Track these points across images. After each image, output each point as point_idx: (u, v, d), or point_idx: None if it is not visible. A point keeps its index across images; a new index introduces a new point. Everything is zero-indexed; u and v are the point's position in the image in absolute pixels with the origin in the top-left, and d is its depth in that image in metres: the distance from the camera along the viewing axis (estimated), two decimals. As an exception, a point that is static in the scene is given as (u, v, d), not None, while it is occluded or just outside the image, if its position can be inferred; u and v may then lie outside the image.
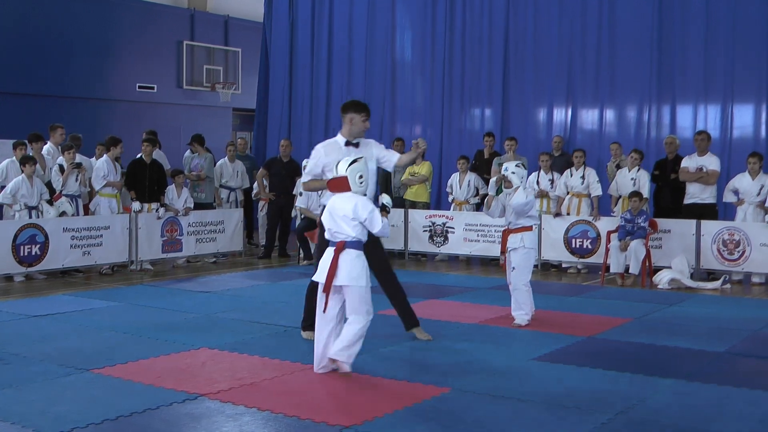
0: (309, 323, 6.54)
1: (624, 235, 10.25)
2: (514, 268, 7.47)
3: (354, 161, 5.72)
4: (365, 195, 5.76)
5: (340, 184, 5.69)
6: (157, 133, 12.95)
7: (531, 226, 7.48)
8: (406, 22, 15.88)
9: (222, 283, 10.16)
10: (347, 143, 6.61)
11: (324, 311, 5.63)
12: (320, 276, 5.63)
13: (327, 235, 5.72)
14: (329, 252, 5.62)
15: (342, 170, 5.68)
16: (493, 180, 7.92)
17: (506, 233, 7.56)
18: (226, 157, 13.12)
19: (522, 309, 7.43)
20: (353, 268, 5.54)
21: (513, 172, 7.47)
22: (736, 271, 10.29)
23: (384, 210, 5.77)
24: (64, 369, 5.74)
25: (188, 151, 13.05)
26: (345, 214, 5.58)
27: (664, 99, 13.10)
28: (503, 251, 7.68)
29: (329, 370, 5.66)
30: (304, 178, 6.99)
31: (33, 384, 5.36)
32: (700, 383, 5.49)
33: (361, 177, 5.67)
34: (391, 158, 6.79)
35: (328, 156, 6.53)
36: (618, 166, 11.48)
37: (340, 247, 5.57)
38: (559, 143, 12.70)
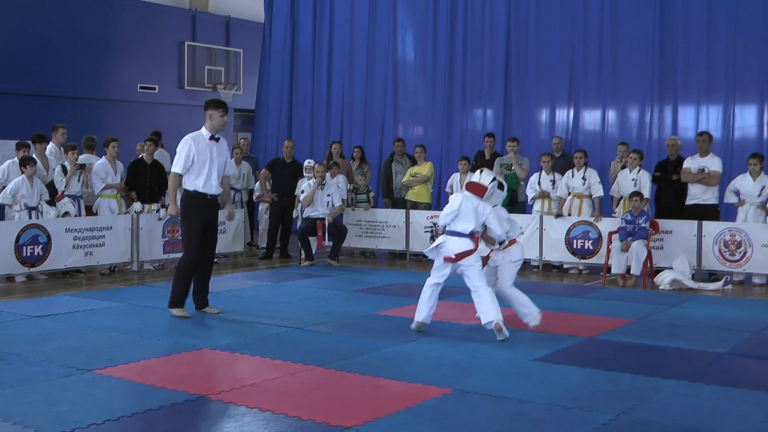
0: (178, 299, 7.74)
1: (625, 236, 10.25)
2: (497, 278, 7.40)
3: (494, 178, 7.16)
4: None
5: (478, 189, 7.05)
6: (161, 134, 12.96)
7: (514, 240, 7.44)
8: (408, 22, 15.89)
9: (223, 283, 10.15)
10: (211, 137, 7.77)
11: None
12: (433, 253, 7.16)
13: (442, 223, 7.12)
14: (453, 240, 7.00)
15: (485, 181, 7.07)
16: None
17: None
18: (233, 159, 13.11)
19: (528, 308, 7.28)
20: (470, 256, 6.94)
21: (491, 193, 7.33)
22: (738, 272, 10.29)
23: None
24: (66, 369, 5.74)
25: None
26: (476, 211, 6.94)
27: (666, 100, 13.10)
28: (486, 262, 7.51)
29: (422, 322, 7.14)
30: (178, 169, 7.71)
31: (34, 384, 5.37)
32: (702, 384, 5.48)
33: (493, 189, 7.13)
34: (226, 171, 8.00)
35: (197, 147, 7.61)
36: (624, 167, 11.46)
37: (476, 239, 7.00)
38: (559, 144, 12.68)
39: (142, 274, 10.93)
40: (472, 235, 6.99)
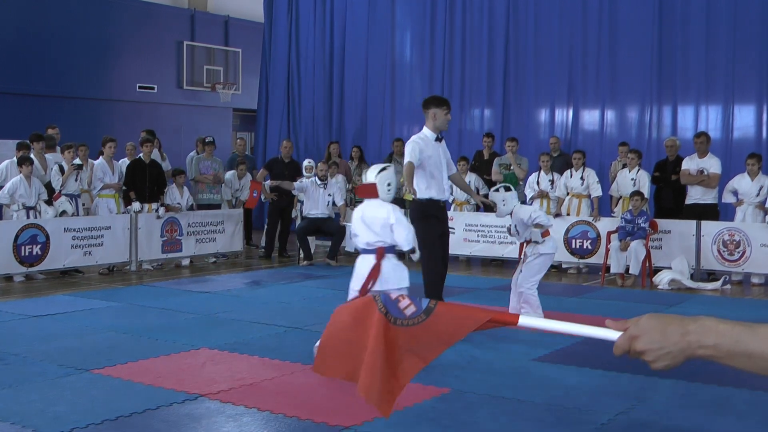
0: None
1: (624, 236, 10.25)
2: (521, 270, 7.49)
3: (383, 168, 5.94)
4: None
5: (368, 190, 5.91)
6: (155, 133, 12.91)
7: (547, 232, 7.53)
8: (406, 22, 15.88)
9: (222, 283, 10.16)
10: (436, 138, 7.08)
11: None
12: (358, 283, 5.82)
13: (360, 244, 5.91)
14: (367, 259, 5.84)
15: (371, 177, 5.90)
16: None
17: (522, 245, 7.63)
18: (236, 172, 13.14)
19: (529, 312, 7.35)
20: (395, 272, 5.84)
21: (503, 200, 7.48)
22: (736, 272, 10.29)
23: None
24: (64, 369, 5.74)
25: (193, 152, 13.13)
26: (383, 223, 5.81)
27: (665, 100, 13.10)
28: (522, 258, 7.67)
29: None
30: (412, 159, 6.90)
31: (32, 384, 5.36)
32: (701, 384, 5.48)
33: (389, 185, 5.90)
34: (452, 169, 7.39)
35: (428, 150, 6.95)
36: (625, 165, 11.45)
37: (381, 253, 5.83)
38: (556, 144, 12.68)
39: (141, 274, 10.92)
40: (379, 251, 5.87)
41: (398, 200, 12.96)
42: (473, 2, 14.83)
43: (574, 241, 11.17)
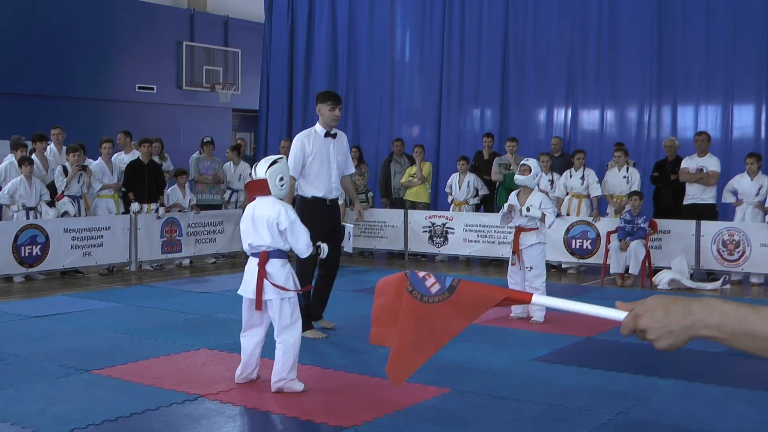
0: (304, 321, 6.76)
1: (624, 236, 10.25)
2: (531, 267, 7.55)
3: (274, 162, 5.27)
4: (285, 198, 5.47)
5: (259, 187, 5.24)
6: (130, 133, 12.76)
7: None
8: (406, 21, 15.89)
9: (221, 283, 10.16)
10: (326, 134, 6.92)
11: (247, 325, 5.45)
12: (246, 290, 5.30)
13: (245, 245, 5.35)
14: (252, 263, 5.24)
15: (261, 172, 5.24)
16: (505, 208, 7.86)
17: (519, 231, 7.64)
18: (231, 161, 13.10)
19: (540, 309, 7.57)
20: (281, 276, 5.21)
21: (536, 174, 7.78)
22: (736, 272, 10.29)
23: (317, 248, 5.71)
24: (64, 369, 5.74)
25: (197, 152, 13.14)
26: (269, 221, 5.16)
27: (665, 100, 13.09)
28: (516, 250, 7.70)
29: (250, 380, 5.44)
30: (293, 173, 6.72)
31: (33, 384, 5.36)
32: (701, 384, 5.49)
33: (281, 179, 5.25)
34: (347, 170, 7.20)
35: (312, 146, 6.85)
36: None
37: (264, 259, 5.20)
38: (558, 144, 12.69)
39: (141, 275, 10.92)
40: (262, 256, 5.24)
41: (399, 200, 13.10)
42: (472, 1, 14.83)
43: (573, 241, 11.17)
